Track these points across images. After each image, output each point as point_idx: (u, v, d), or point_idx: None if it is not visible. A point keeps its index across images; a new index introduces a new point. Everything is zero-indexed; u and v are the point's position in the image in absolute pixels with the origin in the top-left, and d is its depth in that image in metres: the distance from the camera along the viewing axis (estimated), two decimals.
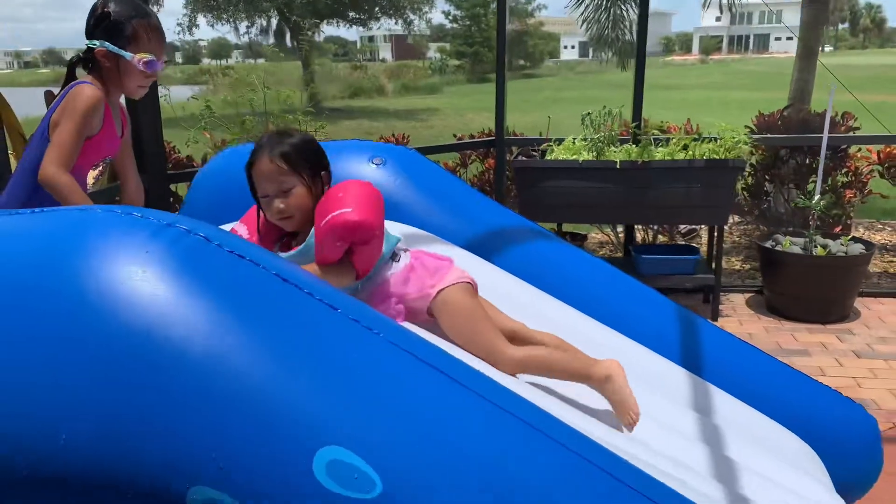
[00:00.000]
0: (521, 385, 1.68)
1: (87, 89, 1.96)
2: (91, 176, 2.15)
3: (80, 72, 2.08)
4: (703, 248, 6.01)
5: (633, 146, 4.35)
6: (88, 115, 1.93)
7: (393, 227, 2.28)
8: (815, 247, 4.35)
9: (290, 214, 1.70)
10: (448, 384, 1.10)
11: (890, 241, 6.15)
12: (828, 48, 66.41)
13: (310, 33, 22.75)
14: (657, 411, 2.00)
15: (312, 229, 1.64)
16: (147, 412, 1.01)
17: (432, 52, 57.67)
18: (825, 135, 4.26)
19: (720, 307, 4.71)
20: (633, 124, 4.70)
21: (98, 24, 1.97)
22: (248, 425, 1.01)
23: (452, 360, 1.18)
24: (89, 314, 1.04)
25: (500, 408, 1.11)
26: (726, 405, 2.23)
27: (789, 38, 67.19)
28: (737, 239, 6.23)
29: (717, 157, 4.15)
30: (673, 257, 4.47)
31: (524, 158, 4.50)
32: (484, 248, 2.40)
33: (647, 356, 2.26)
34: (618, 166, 4.19)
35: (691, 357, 2.36)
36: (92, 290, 1.06)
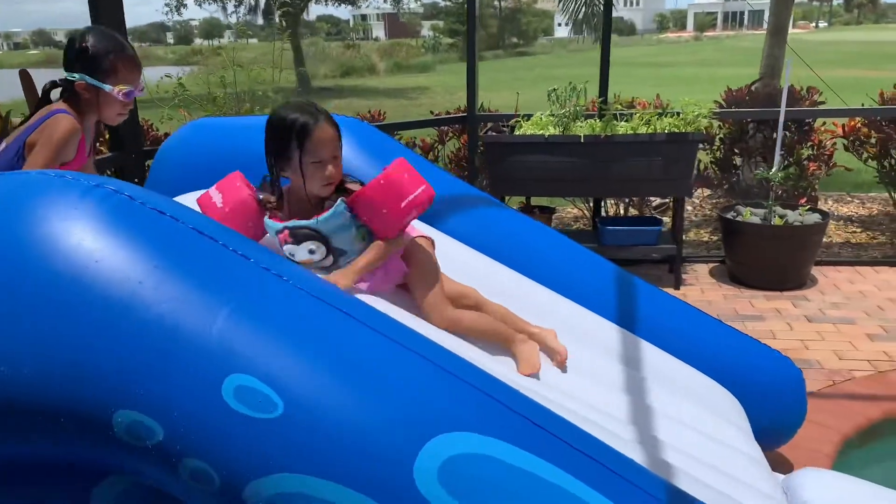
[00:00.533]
0: (452, 340, 1.82)
1: (64, 121, 2.04)
2: None
3: (54, 94, 2.16)
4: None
5: (598, 121, 4.47)
6: (64, 145, 2.03)
7: None
8: (774, 217, 4.50)
9: (336, 180, 1.78)
10: (345, 320, 1.25)
11: (856, 213, 6.29)
12: (822, 24, 66.09)
13: (292, 10, 22.65)
14: (586, 364, 2.15)
15: (340, 199, 1.76)
16: (77, 346, 1.16)
17: (426, 30, 57.35)
18: (782, 109, 4.39)
19: (684, 276, 4.86)
20: (600, 100, 4.82)
21: (77, 58, 2.07)
22: (166, 357, 1.16)
23: (353, 300, 1.33)
24: (27, 261, 1.19)
25: (393, 341, 1.26)
26: (655, 358, 2.38)
27: None
28: (708, 212, 6.38)
29: (678, 131, 4.28)
30: (635, 228, 4.61)
31: (494, 134, 4.62)
32: (431, 214, 2.53)
33: (582, 314, 2.40)
34: (582, 141, 4.31)
35: (627, 315, 2.51)
36: (29, 241, 1.20)
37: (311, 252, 1.76)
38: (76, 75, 2.07)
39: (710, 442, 2.05)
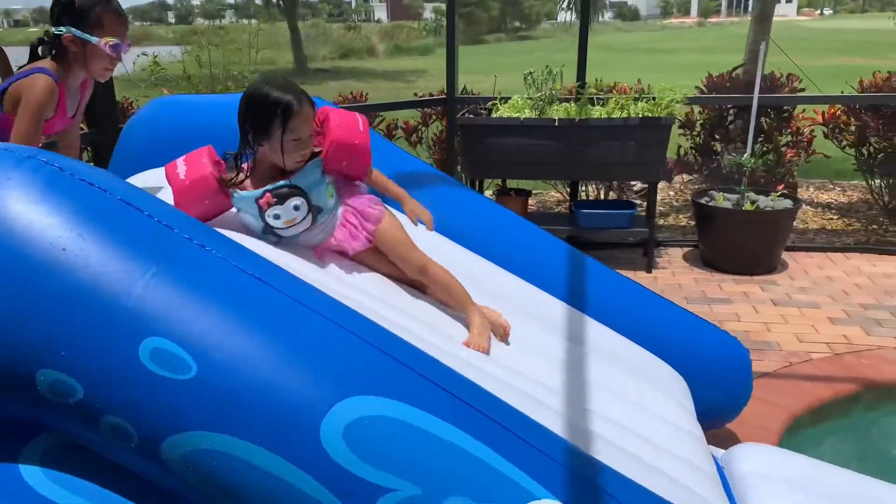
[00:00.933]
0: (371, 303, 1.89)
1: (40, 80, 2.08)
2: None
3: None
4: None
5: (574, 105, 4.52)
6: (43, 106, 2.08)
7: None
8: (746, 202, 4.56)
9: (308, 155, 1.87)
10: (260, 287, 1.32)
11: (836, 201, 6.34)
12: (827, 11, 65.62)
13: None
14: (529, 339, 2.21)
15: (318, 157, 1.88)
16: (2, 307, 1.23)
17: (428, 12, 57.01)
18: (755, 95, 4.43)
19: (658, 260, 4.93)
20: (577, 84, 4.86)
21: (64, 12, 2.12)
22: (86, 319, 1.23)
23: (269, 267, 1.40)
24: None
25: (306, 307, 1.33)
26: (601, 335, 2.45)
27: (788, 1, 66.41)
28: (689, 197, 6.42)
29: (651, 116, 4.32)
30: (608, 212, 4.67)
31: (471, 116, 4.67)
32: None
33: (530, 291, 2.47)
34: (556, 124, 4.36)
35: (576, 294, 2.57)
36: None
37: (297, 208, 1.82)
38: (63, 28, 2.12)
39: (644, 414, 2.12)
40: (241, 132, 1.83)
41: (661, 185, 6.69)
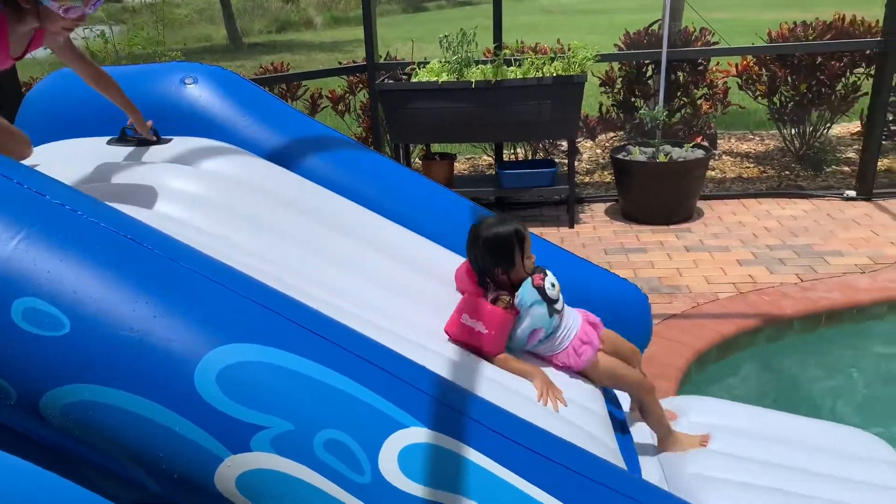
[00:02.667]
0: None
1: None
2: None
3: None
4: (581, 165, 6.38)
5: (490, 67, 4.59)
6: None
7: (200, 143, 2.51)
8: (660, 155, 4.72)
9: None
10: (129, 245, 1.38)
11: (754, 150, 6.59)
12: None
13: None
14: (422, 292, 2.28)
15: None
16: None
17: None
18: (664, 49, 4.57)
19: (582, 215, 5.09)
20: (494, 46, 4.93)
21: None
22: None
23: (136, 225, 1.46)
24: None
25: (175, 261, 1.40)
26: None
27: None
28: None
29: (564, 74, 4.43)
30: (530, 171, 4.79)
31: (391, 82, 4.71)
32: (293, 157, 2.64)
33: (435, 251, 2.54)
34: (473, 86, 4.44)
35: None
36: None
37: (553, 285, 2.10)
38: None
39: (534, 358, 2.23)
40: (486, 270, 2.05)
41: (586, 143, 6.86)
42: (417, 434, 1.35)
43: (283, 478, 1.29)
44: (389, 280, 2.19)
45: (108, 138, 2.52)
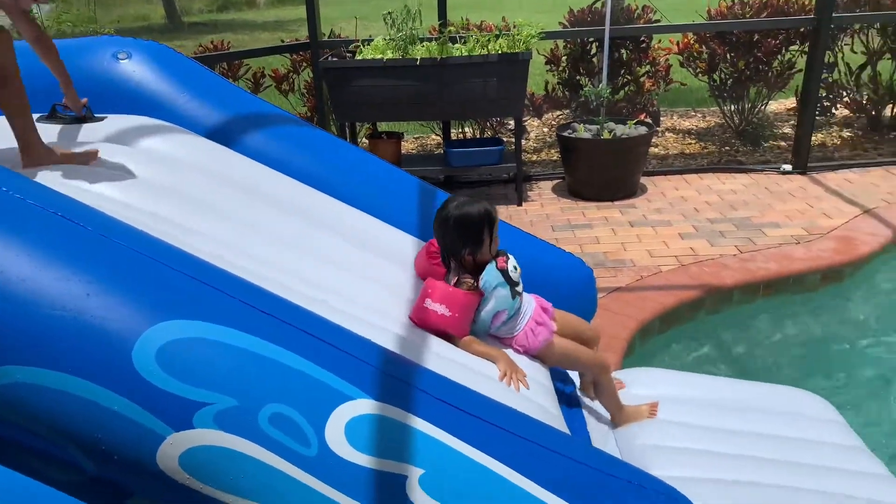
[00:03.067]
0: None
1: None
2: None
3: None
4: (529, 144, 6.41)
5: (435, 44, 4.57)
6: None
7: (135, 120, 2.44)
8: (604, 132, 4.78)
9: None
10: (60, 221, 1.34)
11: (696, 127, 6.73)
12: None
13: None
14: (376, 272, 2.27)
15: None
16: None
17: None
18: (607, 27, 4.61)
19: (530, 193, 5.13)
20: (440, 22, 4.90)
21: None
22: None
23: (74, 204, 1.42)
24: None
25: (108, 238, 1.36)
26: None
27: None
28: None
29: (510, 52, 4.43)
30: (478, 149, 4.80)
31: (335, 59, 4.64)
32: (234, 135, 2.58)
33: (381, 228, 2.53)
34: (418, 64, 4.41)
35: (424, 224, 2.66)
36: None
37: (515, 267, 2.12)
38: None
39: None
40: (453, 250, 2.03)
41: (533, 122, 6.90)
42: (364, 406, 1.35)
43: (228, 453, 1.28)
44: (339, 259, 2.17)
45: (38, 115, 2.43)
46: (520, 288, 2.12)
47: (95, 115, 2.39)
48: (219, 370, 1.31)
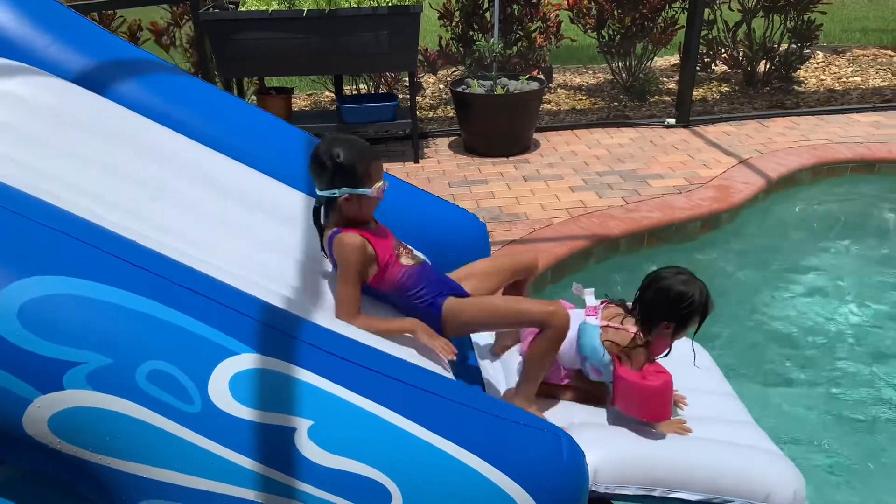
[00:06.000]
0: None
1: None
2: None
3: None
4: (425, 101, 6.37)
5: None
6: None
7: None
8: (497, 87, 4.81)
9: None
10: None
11: (587, 83, 6.88)
12: None
13: None
14: (249, 223, 2.18)
15: None
16: None
17: None
18: None
19: (426, 150, 5.11)
20: None
21: (336, 174, 1.90)
22: None
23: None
24: None
25: None
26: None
27: None
28: None
29: (400, 4, 4.35)
30: (371, 105, 4.73)
31: (217, 11, 4.42)
32: (104, 81, 2.41)
33: (251, 176, 2.43)
34: (305, 16, 4.26)
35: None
36: None
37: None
38: (340, 190, 1.92)
39: None
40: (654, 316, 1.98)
41: (429, 78, 6.85)
42: (248, 360, 1.32)
43: (104, 414, 1.22)
44: (218, 215, 2.08)
45: None
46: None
47: None
48: (89, 328, 1.24)
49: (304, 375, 1.33)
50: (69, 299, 1.24)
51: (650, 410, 1.92)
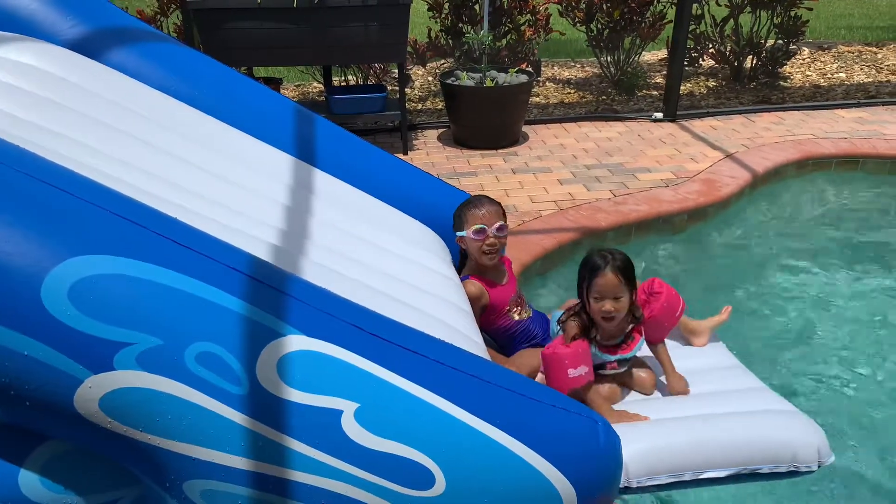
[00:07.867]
0: None
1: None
2: None
3: None
4: (414, 93, 6.37)
5: None
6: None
7: None
8: (486, 79, 4.81)
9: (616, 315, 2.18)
10: None
11: (576, 77, 6.90)
12: None
13: None
14: (281, 196, 2.21)
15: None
16: None
17: None
18: None
19: (415, 142, 5.11)
20: None
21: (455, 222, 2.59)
22: None
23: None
24: None
25: (23, 172, 1.26)
26: (356, 198, 2.54)
27: None
28: None
29: None
30: (360, 96, 4.72)
31: (205, 0, 4.39)
32: (100, 50, 2.40)
33: (306, 169, 2.47)
34: (295, 6, 4.24)
35: (332, 160, 2.63)
36: None
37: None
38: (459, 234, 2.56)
39: (414, 266, 2.26)
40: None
41: (418, 70, 6.85)
42: (295, 342, 1.32)
43: (153, 395, 1.24)
44: (237, 180, 2.11)
45: None
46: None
47: None
48: (139, 308, 1.25)
49: (351, 358, 1.34)
50: (119, 279, 1.25)
51: (547, 376, 2.17)
